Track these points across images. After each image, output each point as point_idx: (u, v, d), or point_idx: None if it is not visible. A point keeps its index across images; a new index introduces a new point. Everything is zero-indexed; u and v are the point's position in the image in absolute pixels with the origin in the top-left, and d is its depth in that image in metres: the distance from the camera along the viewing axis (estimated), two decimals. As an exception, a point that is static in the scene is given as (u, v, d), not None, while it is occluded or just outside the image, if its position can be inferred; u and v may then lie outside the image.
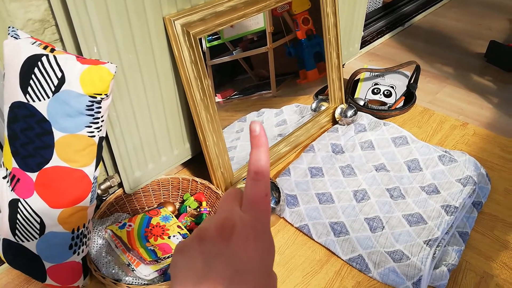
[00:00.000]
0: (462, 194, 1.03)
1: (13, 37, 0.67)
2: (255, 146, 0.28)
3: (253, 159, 0.28)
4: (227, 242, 0.26)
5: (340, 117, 1.31)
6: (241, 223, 0.27)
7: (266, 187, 0.28)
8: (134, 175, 0.98)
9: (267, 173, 0.28)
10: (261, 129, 0.28)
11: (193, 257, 0.27)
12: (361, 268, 0.90)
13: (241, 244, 0.26)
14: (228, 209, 0.28)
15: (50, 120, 0.67)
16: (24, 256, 0.78)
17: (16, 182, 0.73)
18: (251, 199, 0.28)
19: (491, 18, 2.13)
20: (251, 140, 0.28)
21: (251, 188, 0.28)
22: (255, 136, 0.28)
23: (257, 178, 0.28)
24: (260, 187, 0.28)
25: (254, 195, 0.28)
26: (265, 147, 0.28)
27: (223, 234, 0.27)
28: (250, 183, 0.28)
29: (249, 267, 0.26)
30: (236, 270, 0.26)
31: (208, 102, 0.96)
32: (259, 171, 0.28)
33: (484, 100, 1.49)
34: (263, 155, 0.28)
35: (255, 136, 0.28)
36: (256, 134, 0.28)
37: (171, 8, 0.87)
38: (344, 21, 1.44)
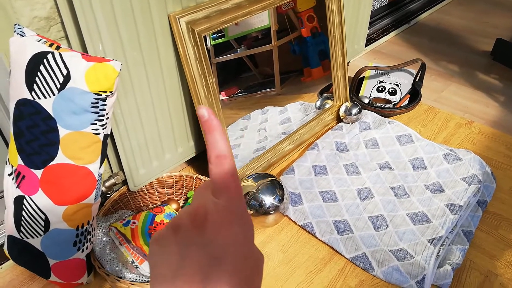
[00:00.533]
0: (467, 192, 1.02)
1: (19, 34, 0.67)
2: (208, 131, 0.27)
3: (210, 144, 0.27)
4: (201, 230, 0.26)
5: (345, 115, 1.30)
6: (214, 209, 0.26)
7: (231, 168, 0.27)
8: (138, 173, 0.98)
9: (228, 154, 0.27)
10: (210, 113, 0.27)
11: (169, 247, 0.26)
12: (365, 267, 0.90)
13: (216, 230, 0.26)
14: (201, 198, 0.28)
15: (56, 117, 0.68)
16: (28, 253, 0.79)
17: (22, 179, 0.74)
18: (219, 184, 0.27)
19: (497, 16, 2.12)
20: (202, 126, 0.28)
21: (216, 172, 0.27)
22: (205, 122, 0.27)
23: (219, 162, 0.27)
24: (224, 170, 0.27)
25: (221, 178, 0.27)
26: (219, 130, 0.27)
27: (197, 222, 0.26)
28: (215, 168, 0.27)
29: (226, 252, 0.26)
30: (213, 257, 0.25)
31: (212, 100, 0.96)
32: (219, 155, 0.27)
33: (490, 99, 1.48)
34: (219, 138, 0.27)
35: (205, 122, 0.27)
36: (205, 120, 0.27)
37: (176, 6, 0.87)
38: (349, 18, 1.43)
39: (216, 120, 0.28)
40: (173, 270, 0.26)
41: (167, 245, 0.27)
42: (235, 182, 0.27)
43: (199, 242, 0.26)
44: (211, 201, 0.27)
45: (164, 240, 0.27)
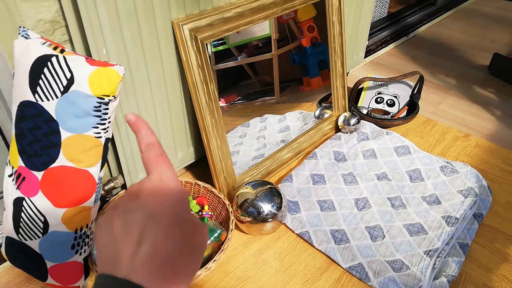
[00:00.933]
0: (463, 205, 1.03)
1: (24, 37, 0.68)
2: (138, 130, 0.33)
3: (141, 138, 0.33)
4: (136, 199, 0.29)
5: (343, 125, 1.31)
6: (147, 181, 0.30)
7: (159, 150, 0.32)
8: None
9: (155, 141, 0.33)
10: (136, 116, 0.33)
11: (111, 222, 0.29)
12: (361, 277, 0.90)
13: (150, 195, 0.29)
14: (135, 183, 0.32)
15: (58, 120, 0.68)
16: (26, 255, 0.79)
17: (22, 181, 0.74)
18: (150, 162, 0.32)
19: (495, 30, 2.15)
20: (132, 128, 0.33)
21: (146, 155, 0.32)
22: (133, 124, 0.33)
23: (149, 148, 0.32)
24: (154, 152, 0.32)
25: (151, 158, 0.32)
26: (146, 127, 0.33)
27: (132, 196, 0.30)
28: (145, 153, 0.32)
29: (161, 210, 0.29)
30: (148, 215, 0.28)
31: (213, 107, 0.97)
32: (148, 143, 0.32)
33: (487, 112, 1.49)
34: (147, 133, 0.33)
35: (133, 124, 0.33)
36: (133, 122, 0.33)
37: (180, 13, 0.88)
38: (349, 30, 1.45)
39: (142, 121, 0.33)
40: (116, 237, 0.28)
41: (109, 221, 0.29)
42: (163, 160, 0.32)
43: (135, 206, 0.29)
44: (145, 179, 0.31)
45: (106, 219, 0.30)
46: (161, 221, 0.28)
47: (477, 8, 2.44)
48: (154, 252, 0.27)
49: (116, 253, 0.28)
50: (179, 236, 0.29)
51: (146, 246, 0.27)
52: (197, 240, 0.30)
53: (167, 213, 0.29)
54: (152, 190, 0.30)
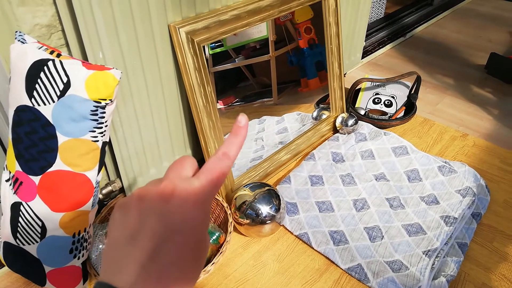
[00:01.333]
0: (462, 205, 1.03)
1: (20, 41, 0.68)
2: (235, 133, 0.31)
3: (228, 142, 0.31)
4: (165, 202, 0.27)
5: (341, 126, 1.31)
6: (183, 187, 0.28)
7: (226, 167, 0.30)
8: (136, 180, 0.99)
9: (233, 158, 0.30)
10: (246, 123, 0.31)
11: (130, 213, 0.27)
12: (360, 278, 0.90)
13: (178, 205, 0.27)
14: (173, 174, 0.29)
15: (55, 124, 0.68)
16: (24, 260, 0.79)
17: (19, 185, 0.74)
18: (207, 168, 0.29)
19: (491, 30, 2.15)
20: (234, 128, 0.31)
21: (213, 161, 0.30)
22: (239, 127, 0.31)
23: (222, 157, 0.30)
24: (221, 164, 0.30)
25: (213, 167, 0.29)
26: (243, 138, 0.31)
27: (163, 195, 0.27)
28: (215, 158, 0.30)
29: (181, 227, 0.27)
30: (168, 228, 0.26)
31: (210, 109, 0.97)
32: (227, 153, 0.30)
33: (484, 112, 1.49)
34: (238, 143, 0.31)
35: (239, 127, 0.31)
36: (241, 125, 0.31)
37: (176, 16, 0.88)
38: (346, 30, 1.45)
39: (246, 130, 0.31)
40: (128, 235, 0.27)
41: (129, 211, 0.28)
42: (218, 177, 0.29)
43: (159, 212, 0.27)
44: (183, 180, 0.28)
45: (126, 205, 0.28)
46: (180, 241, 0.27)
47: (473, 8, 2.45)
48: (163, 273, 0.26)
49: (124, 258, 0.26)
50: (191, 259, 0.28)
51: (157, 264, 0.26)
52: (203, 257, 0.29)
53: (187, 233, 0.27)
54: (183, 200, 0.27)
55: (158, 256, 0.26)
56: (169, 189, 0.28)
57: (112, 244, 0.27)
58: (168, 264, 0.26)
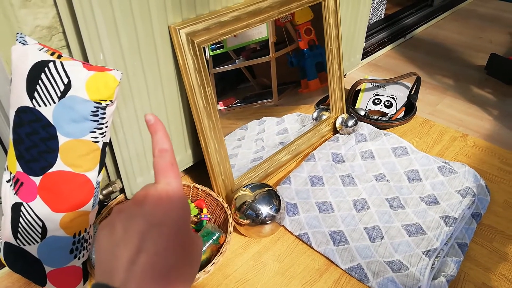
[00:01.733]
0: (462, 205, 1.03)
1: (21, 43, 0.68)
2: (154, 132, 0.33)
3: (156, 142, 0.33)
4: (141, 206, 0.30)
5: (341, 126, 1.32)
6: (153, 190, 0.30)
7: (171, 158, 0.32)
8: (136, 181, 0.99)
9: (170, 148, 0.33)
10: (155, 118, 0.33)
11: (113, 226, 0.29)
12: (360, 278, 0.91)
13: (155, 205, 0.29)
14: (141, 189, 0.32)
15: (55, 125, 0.68)
16: (24, 260, 0.79)
17: (20, 186, 0.74)
18: (160, 170, 0.32)
19: (491, 31, 2.16)
20: (149, 128, 0.33)
21: (158, 161, 0.32)
22: (152, 125, 0.33)
23: (162, 154, 0.32)
24: (166, 159, 0.32)
25: (162, 166, 0.32)
26: (163, 130, 0.33)
27: (137, 202, 0.30)
28: (157, 159, 0.32)
29: (163, 221, 0.29)
30: (151, 225, 0.28)
31: (210, 110, 0.97)
32: (161, 149, 0.32)
33: (484, 112, 1.50)
34: (162, 136, 0.33)
35: (152, 125, 0.33)
36: (152, 123, 0.33)
37: (177, 17, 0.89)
38: (346, 32, 1.46)
39: (160, 123, 0.33)
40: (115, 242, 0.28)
41: (112, 225, 0.30)
42: (173, 170, 0.32)
43: (139, 213, 0.29)
44: (150, 186, 0.31)
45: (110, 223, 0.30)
46: (163, 231, 0.28)
47: (473, 9, 2.45)
48: (152, 263, 0.27)
49: (113, 259, 0.27)
50: (179, 247, 0.29)
51: (145, 255, 0.27)
52: (194, 252, 0.30)
53: (169, 224, 0.29)
54: (157, 199, 0.30)
55: (144, 249, 0.27)
56: (141, 195, 0.31)
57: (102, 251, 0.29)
58: (156, 255, 0.27)
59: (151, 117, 0.33)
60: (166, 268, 0.27)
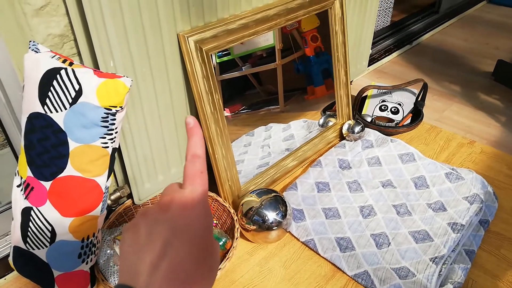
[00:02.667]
0: (469, 212, 1.03)
1: (34, 50, 0.70)
2: (191, 135, 0.33)
3: (190, 145, 0.33)
4: (166, 211, 0.30)
5: (348, 133, 1.32)
6: (179, 196, 0.30)
7: (201, 166, 0.32)
8: (144, 187, 1.00)
9: (202, 155, 0.33)
10: (195, 122, 0.33)
11: (138, 229, 0.30)
12: (367, 284, 0.90)
13: (179, 211, 0.30)
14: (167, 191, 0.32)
15: (66, 131, 0.70)
16: (33, 264, 0.80)
17: (30, 191, 0.75)
18: (189, 176, 0.32)
19: (498, 37, 2.15)
20: (187, 131, 0.33)
21: (188, 167, 0.32)
22: (191, 128, 0.33)
23: (193, 160, 0.32)
24: (196, 166, 0.32)
25: (192, 172, 0.32)
26: (199, 135, 0.33)
27: (162, 207, 0.30)
28: (188, 164, 0.32)
29: (187, 229, 0.29)
30: (175, 231, 0.29)
31: (218, 116, 0.98)
32: (194, 154, 0.32)
33: (492, 119, 1.49)
34: (198, 142, 0.33)
35: (191, 128, 0.33)
36: (191, 126, 0.33)
37: (185, 25, 0.90)
38: (352, 39, 1.46)
39: (199, 128, 0.33)
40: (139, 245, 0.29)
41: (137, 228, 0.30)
42: (201, 177, 0.32)
43: (164, 219, 0.29)
44: (177, 191, 0.31)
45: (133, 225, 0.31)
46: (186, 239, 0.29)
47: (480, 16, 2.45)
48: (175, 269, 0.27)
49: (137, 262, 0.28)
50: (201, 255, 0.29)
51: (168, 261, 0.27)
52: (214, 258, 0.31)
53: (193, 232, 0.29)
54: (182, 206, 0.30)
55: (167, 254, 0.28)
56: (167, 200, 0.31)
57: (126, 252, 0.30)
58: (178, 261, 0.28)
59: (191, 120, 0.33)
60: (187, 274, 0.28)
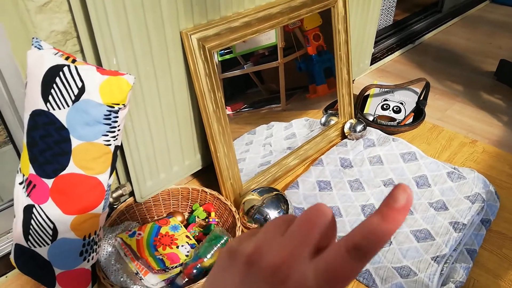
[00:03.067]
0: (471, 211, 1.03)
1: (37, 47, 0.70)
2: (387, 220, 0.20)
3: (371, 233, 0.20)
4: (272, 286, 0.22)
5: (349, 131, 1.32)
6: (299, 274, 0.21)
7: (357, 271, 0.21)
8: (145, 185, 1.00)
9: (373, 254, 0.21)
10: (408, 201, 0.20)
11: (234, 270, 0.24)
12: (368, 283, 0.90)
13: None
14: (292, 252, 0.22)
15: (69, 128, 0.70)
16: (34, 262, 0.80)
17: (32, 188, 0.75)
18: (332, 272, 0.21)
19: (501, 37, 2.15)
20: (384, 207, 0.21)
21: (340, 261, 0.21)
22: (396, 208, 0.20)
23: (354, 256, 0.20)
24: (350, 267, 0.21)
25: (339, 270, 0.21)
26: (397, 227, 0.20)
27: (275, 277, 0.22)
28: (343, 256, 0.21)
29: None
30: None
31: (220, 114, 0.98)
32: (362, 249, 0.20)
33: (494, 118, 1.49)
34: (387, 235, 0.20)
35: (396, 208, 0.20)
36: (398, 206, 0.20)
37: (188, 23, 0.90)
38: (355, 37, 1.46)
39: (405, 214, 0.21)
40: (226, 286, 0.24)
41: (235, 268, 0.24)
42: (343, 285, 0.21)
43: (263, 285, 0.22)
44: (301, 261, 0.22)
45: (235, 261, 0.24)
46: None
47: (483, 15, 2.45)
48: None
49: None
50: None
51: None
52: None
53: None
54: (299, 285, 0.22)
55: None
56: (285, 270, 0.22)
57: None
58: None
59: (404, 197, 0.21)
60: None
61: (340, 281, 0.21)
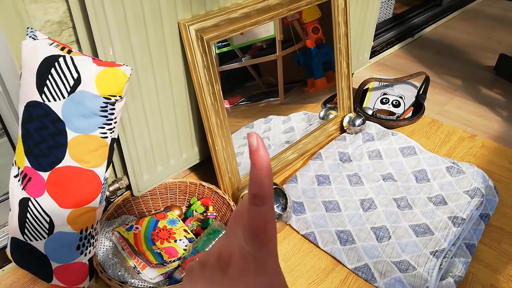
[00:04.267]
0: (470, 206, 1.02)
1: (31, 37, 0.68)
2: (254, 164, 0.23)
3: (252, 180, 0.23)
4: (223, 272, 0.25)
5: (348, 125, 1.31)
6: (239, 254, 0.24)
7: (268, 213, 0.23)
8: (142, 178, 0.99)
9: (269, 196, 0.23)
10: (260, 142, 0.23)
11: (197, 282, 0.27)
12: (367, 278, 0.90)
13: (237, 277, 0.24)
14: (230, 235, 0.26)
15: (64, 120, 0.68)
16: (31, 256, 0.79)
17: (28, 181, 0.74)
18: (250, 228, 0.23)
19: (501, 31, 2.14)
20: (250, 155, 0.23)
21: (250, 214, 0.23)
22: (254, 151, 0.23)
23: (256, 203, 0.23)
24: (259, 214, 0.23)
25: (253, 222, 0.23)
26: (266, 165, 0.23)
27: (221, 264, 0.25)
28: (250, 209, 0.23)
29: None
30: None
31: (218, 107, 0.97)
32: (258, 195, 0.23)
33: (493, 113, 1.48)
34: (264, 175, 0.23)
35: (254, 151, 0.23)
36: (254, 149, 0.23)
37: (186, 14, 0.88)
38: (354, 30, 1.45)
39: (265, 152, 0.23)
40: None
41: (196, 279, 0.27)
42: (268, 231, 0.23)
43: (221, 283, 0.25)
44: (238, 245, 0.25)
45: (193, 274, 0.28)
46: None
47: (482, 9, 2.43)
48: None
49: None
50: None
51: None
52: None
53: None
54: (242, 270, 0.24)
55: None
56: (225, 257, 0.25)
57: None
58: None
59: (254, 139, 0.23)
60: None
61: (261, 230, 0.23)
